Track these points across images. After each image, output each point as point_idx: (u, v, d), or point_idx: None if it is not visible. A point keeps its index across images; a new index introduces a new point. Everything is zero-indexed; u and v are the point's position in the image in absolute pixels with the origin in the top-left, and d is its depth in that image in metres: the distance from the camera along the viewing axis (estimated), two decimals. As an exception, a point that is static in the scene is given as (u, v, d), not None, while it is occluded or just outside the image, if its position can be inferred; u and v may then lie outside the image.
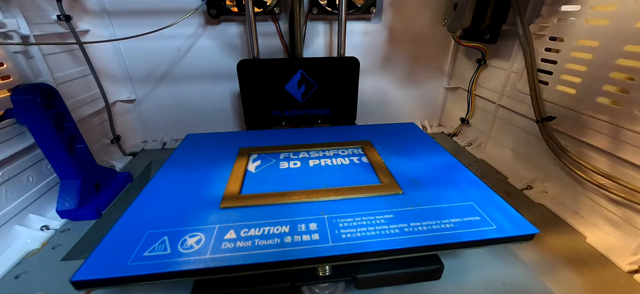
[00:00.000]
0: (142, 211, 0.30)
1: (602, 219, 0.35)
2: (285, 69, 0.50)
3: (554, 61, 0.40)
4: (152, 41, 0.46)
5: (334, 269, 0.26)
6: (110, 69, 0.52)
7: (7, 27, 0.35)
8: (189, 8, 0.46)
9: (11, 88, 0.35)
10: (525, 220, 0.28)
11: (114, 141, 0.53)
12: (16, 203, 0.35)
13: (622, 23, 0.32)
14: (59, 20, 0.42)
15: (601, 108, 0.35)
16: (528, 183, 0.44)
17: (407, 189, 0.32)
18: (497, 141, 0.53)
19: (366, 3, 0.53)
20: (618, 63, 0.33)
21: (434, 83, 0.65)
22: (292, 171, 0.37)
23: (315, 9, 0.52)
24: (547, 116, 0.40)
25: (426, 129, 0.66)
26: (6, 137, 0.35)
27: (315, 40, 0.56)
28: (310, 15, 0.53)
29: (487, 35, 0.49)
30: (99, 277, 0.23)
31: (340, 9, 0.48)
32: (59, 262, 0.32)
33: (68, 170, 0.37)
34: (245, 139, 0.45)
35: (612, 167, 0.34)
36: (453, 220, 0.28)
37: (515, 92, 0.47)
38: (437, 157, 0.40)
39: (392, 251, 0.25)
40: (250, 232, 0.26)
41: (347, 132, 0.48)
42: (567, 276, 0.30)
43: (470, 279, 0.29)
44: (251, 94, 0.51)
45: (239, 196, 0.32)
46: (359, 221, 0.28)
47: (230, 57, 0.55)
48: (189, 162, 0.39)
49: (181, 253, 0.24)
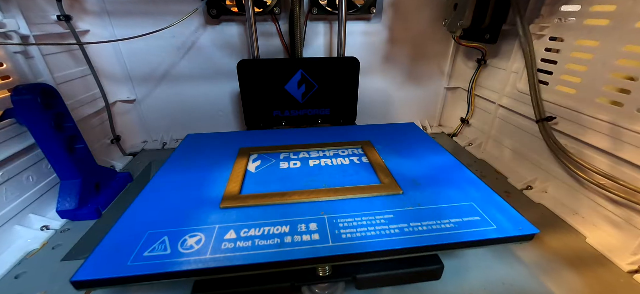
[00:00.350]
0: (142, 211, 0.30)
1: (602, 219, 0.35)
2: (285, 69, 0.50)
3: (554, 61, 0.40)
4: (152, 41, 0.46)
5: (334, 269, 0.26)
6: (110, 69, 0.52)
7: (6, 27, 0.35)
8: (189, 8, 0.46)
9: (11, 88, 0.35)
10: (525, 220, 0.28)
11: (114, 141, 0.53)
12: (16, 203, 0.35)
13: (622, 23, 0.32)
14: (58, 20, 0.42)
15: (601, 108, 0.35)
16: (528, 183, 0.44)
17: (407, 189, 0.32)
18: (497, 141, 0.53)
19: (366, 3, 0.53)
20: (618, 63, 0.33)
21: (434, 83, 0.65)
22: (292, 171, 0.37)
23: (315, 9, 0.52)
24: (547, 116, 0.40)
25: (426, 129, 0.66)
26: (6, 137, 0.35)
27: (315, 40, 0.56)
28: (310, 15, 0.53)
29: (487, 35, 0.49)
30: (99, 277, 0.23)
31: (340, 9, 0.48)
32: (59, 262, 0.32)
33: (68, 170, 0.37)
34: (245, 139, 0.45)
35: (612, 167, 0.34)
36: (453, 220, 0.28)
37: (515, 92, 0.47)
38: (437, 157, 0.40)
39: (392, 251, 0.25)
40: (250, 232, 0.26)
41: (347, 132, 0.48)
42: (567, 276, 0.30)
43: (470, 279, 0.29)
44: (251, 94, 0.51)
45: (239, 196, 0.32)
46: (359, 221, 0.28)
47: (230, 57, 0.55)
48: (189, 162, 0.39)
49: (181, 253, 0.24)
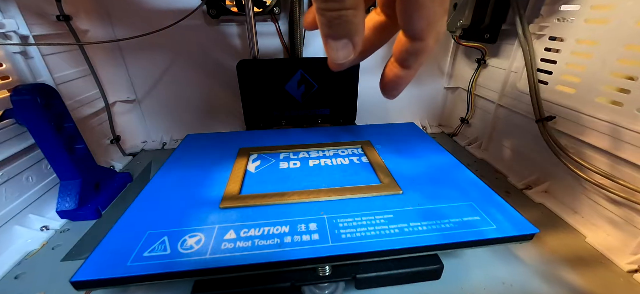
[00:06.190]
0: (142, 211, 0.30)
1: (602, 219, 0.35)
2: (285, 69, 0.50)
3: (553, 61, 0.40)
4: (152, 41, 0.46)
5: (334, 269, 0.26)
6: (110, 69, 0.52)
7: (6, 28, 0.35)
8: (188, 8, 0.46)
9: (11, 88, 0.35)
10: (525, 220, 0.28)
11: (114, 141, 0.53)
12: (16, 203, 0.35)
13: (622, 23, 0.32)
14: (58, 21, 0.42)
15: (601, 108, 0.35)
16: (528, 183, 0.44)
17: (407, 189, 0.32)
18: (496, 141, 0.53)
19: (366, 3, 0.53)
20: (618, 63, 0.33)
21: (434, 83, 0.65)
22: (292, 171, 0.37)
23: (315, 8, 0.52)
24: (547, 116, 0.40)
25: (426, 129, 0.66)
26: (6, 138, 0.35)
27: (315, 41, 0.56)
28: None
29: (486, 35, 0.49)
30: (98, 277, 0.23)
31: (340, 9, 0.48)
32: (59, 262, 0.32)
33: (68, 170, 0.37)
34: (245, 139, 0.45)
35: (612, 167, 0.34)
36: (453, 220, 0.28)
37: (515, 92, 0.47)
38: (437, 157, 0.40)
39: (392, 251, 0.25)
40: (250, 232, 0.26)
41: (347, 132, 0.48)
42: (566, 276, 0.30)
43: (470, 279, 0.29)
44: (251, 94, 0.51)
45: (238, 196, 0.32)
46: (358, 221, 0.28)
47: (230, 57, 0.55)
48: (189, 163, 0.39)
49: (181, 253, 0.24)
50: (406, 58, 0.15)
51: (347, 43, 0.14)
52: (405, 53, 0.15)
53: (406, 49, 0.15)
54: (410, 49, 0.15)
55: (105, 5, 0.48)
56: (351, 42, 0.14)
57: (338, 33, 0.14)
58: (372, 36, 0.18)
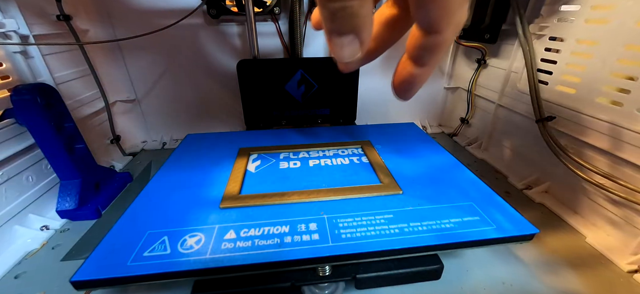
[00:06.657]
0: (142, 211, 0.30)
1: (602, 219, 0.35)
2: (285, 69, 0.50)
3: (553, 61, 0.40)
4: (152, 41, 0.46)
5: (334, 269, 0.26)
6: (110, 69, 0.52)
7: (6, 27, 0.35)
8: (188, 8, 0.46)
9: (10, 88, 0.35)
10: (525, 220, 0.28)
11: (114, 141, 0.53)
12: (16, 203, 0.35)
13: (622, 23, 0.32)
14: (58, 20, 0.42)
15: (601, 108, 0.35)
16: (528, 183, 0.44)
17: (407, 189, 0.32)
18: (497, 141, 0.53)
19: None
20: (618, 63, 0.33)
21: (434, 83, 0.65)
22: (292, 171, 0.37)
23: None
24: (547, 116, 0.40)
25: (426, 129, 0.66)
26: (6, 138, 0.35)
27: (315, 41, 0.56)
28: (310, 15, 0.53)
29: (486, 35, 0.49)
30: (98, 277, 0.23)
31: (340, 9, 0.48)
32: (59, 262, 0.32)
33: (68, 170, 0.37)
34: (245, 139, 0.45)
35: (612, 167, 0.34)
36: (453, 220, 0.28)
37: (515, 92, 0.47)
38: (437, 157, 0.40)
39: (392, 251, 0.25)
40: (250, 232, 0.26)
41: (347, 132, 0.48)
42: (566, 276, 0.30)
43: (470, 279, 0.29)
44: (251, 94, 0.51)
45: (238, 196, 0.32)
46: (358, 221, 0.28)
47: (230, 57, 0.55)
48: (189, 162, 0.39)
49: (181, 253, 0.24)
50: (421, 54, 0.13)
51: (353, 39, 0.12)
52: (419, 48, 0.13)
53: (420, 44, 0.13)
54: (425, 43, 0.13)
55: (105, 5, 0.48)
56: (358, 38, 0.12)
57: (342, 28, 0.12)
58: (382, 32, 0.16)
